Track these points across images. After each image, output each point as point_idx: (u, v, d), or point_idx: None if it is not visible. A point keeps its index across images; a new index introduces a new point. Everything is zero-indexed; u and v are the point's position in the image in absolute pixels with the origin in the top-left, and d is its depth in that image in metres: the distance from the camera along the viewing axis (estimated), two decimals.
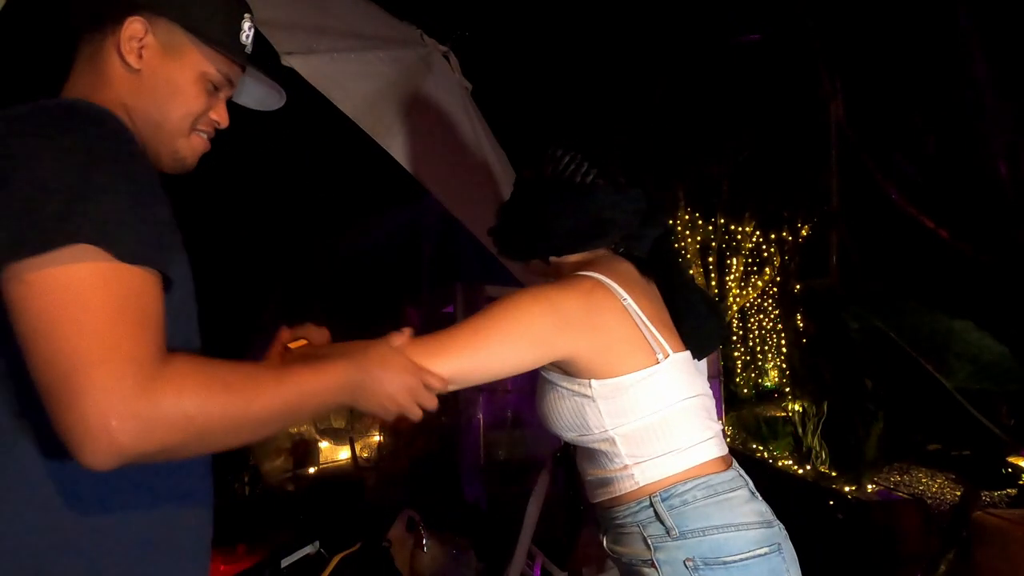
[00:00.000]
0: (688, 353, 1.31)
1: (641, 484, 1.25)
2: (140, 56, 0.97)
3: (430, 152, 1.70)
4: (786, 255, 8.00)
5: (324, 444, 6.29)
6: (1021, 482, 4.45)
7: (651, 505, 1.23)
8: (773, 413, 6.72)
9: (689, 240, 8.52)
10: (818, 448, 5.32)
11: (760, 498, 1.30)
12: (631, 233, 1.37)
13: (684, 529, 1.20)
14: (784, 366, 8.14)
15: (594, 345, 1.22)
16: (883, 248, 6.58)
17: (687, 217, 8.50)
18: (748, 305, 8.95)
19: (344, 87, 1.40)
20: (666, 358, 1.25)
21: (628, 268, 1.35)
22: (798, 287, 7.65)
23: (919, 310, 3.53)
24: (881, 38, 6.17)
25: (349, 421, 6.27)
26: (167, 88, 1.00)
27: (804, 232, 7.71)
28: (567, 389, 1.27)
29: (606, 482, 1.30)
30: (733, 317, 8.85)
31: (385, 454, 6.05)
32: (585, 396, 1.25)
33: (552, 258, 1.41)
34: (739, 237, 8.45)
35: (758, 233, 8.35)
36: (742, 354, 9.05)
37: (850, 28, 6.37)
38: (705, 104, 7.73)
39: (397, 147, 1.53)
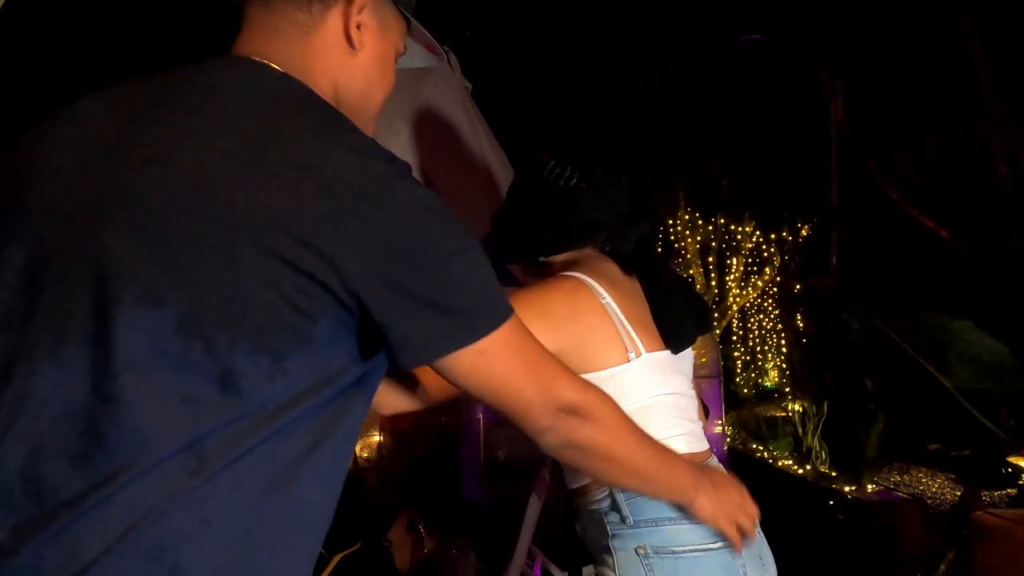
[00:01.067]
0: (666, 352, 1.35)
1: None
2: (360, 35, 0.92)
3: (430, 152, 1.70)
4: (786, 255, 8.00)
5: None
6: (1021, 482, 4.45)
7: (611, 495, 1.29)
8: (773, 413, 6.72)
9: (689, 240, 8.52)
10: (818, 448, 5.31)
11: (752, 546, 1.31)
12: (615, 233, 1.42)
13: (638, 519, 1.26)
14: (784, 366, 8.14)
15: (572, 342, 1.28)
16: (883, 248, 6.58)
17: (687, 217, 8.50)
18: (748, 305, 8.95)
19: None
20: (638, 357, 1.30)
21: (612, 267, 1.40)
22: (798, 287, 7.65)
23: (919, 310, 3.54)
24: (881, 38, 6.17)
25: None
26: (378, 68, 0.96)
27: (804, 232, 7.71)
28: None
29: (576, 471, 1.37)
30: (733, 317, 8.85)
31: (385, 454, 6.05)
32: None
33: (541, 258, 1.48)
34: (739, 237, 8.45)
35: (758, 233, 8.35)
36: (742, 354, 9.05)
37: (850, 28, 6.37)
38: (705, 104, 7.73)
39: (397, 147, 1.53)
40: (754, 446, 6.17)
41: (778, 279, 8.23)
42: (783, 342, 8.20)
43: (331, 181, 0.75)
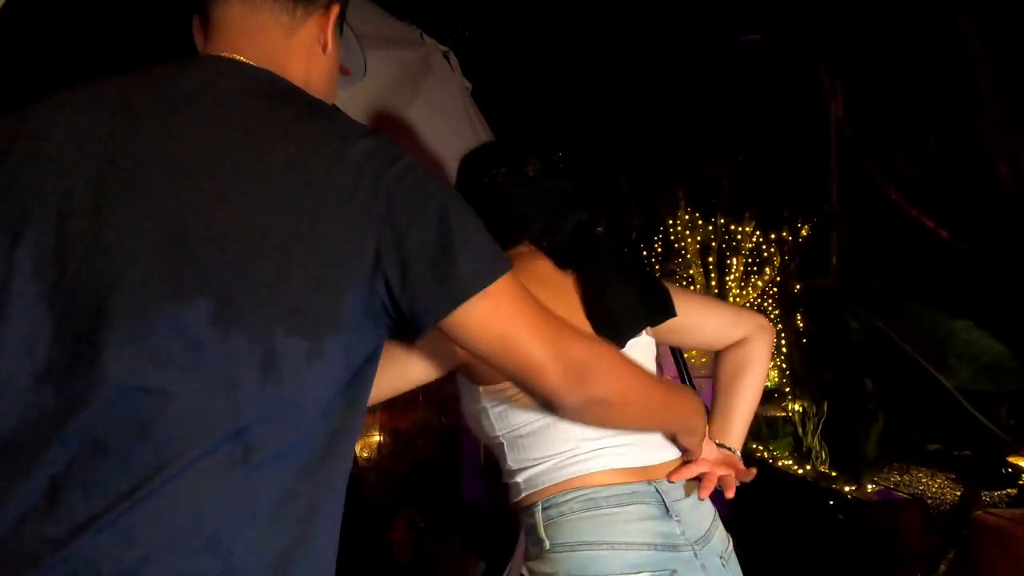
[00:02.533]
0: None
1: (527, 492, 1.23)
2: (330, 38, 0.98)
3: (430, 152, 1.70)
4: (786, 255, 8.00)
5: None
6: (1021, 482, 4.44)
7: (534, 514, 1.20)
8: (773, 413, 6.72)
9: (689, 240, 8.52)
10: (818, 448, 5.31)
11: (676, 519, 1.19)
12: (548, 225, 1.34)
13: (556, 542, 1.16)
14: (784, 366, 8.14)
15: None
16: (883, 248, 6.58)
17: (687, 217, 8.50)
18: (748, 305, 8.95)
19: (344, 86, 1.40)
20: None
21: (542, 264, 1.32)
22: (798, 287, 7.65)
23: (919, 310, 3.53)
24: (881, 38, 6.17)
25: None
26: (335, 74, 1.04)
27: (804, 232, 7.71)
28: (467, 393, 1.29)
29: (507, 487, 1.29)
30: None
31: (385, 454, 6.05)
32: (477, 401, 1.26)
33: None
34: (739, 237, 8.45)
35: (758, 233, 8.35)
36: None
37: (850, 28, 6.37)
38: (705, 104, 7.73)
39: (397, 146, 1.53)
40: (754, 446, 6.17)
41: (778, 279, 8.23)
42: (783, 342, 8.20)
43: (329, 164, 0.80)
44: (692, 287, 8.69)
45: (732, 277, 8.58)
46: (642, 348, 1.33)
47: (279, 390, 0.77)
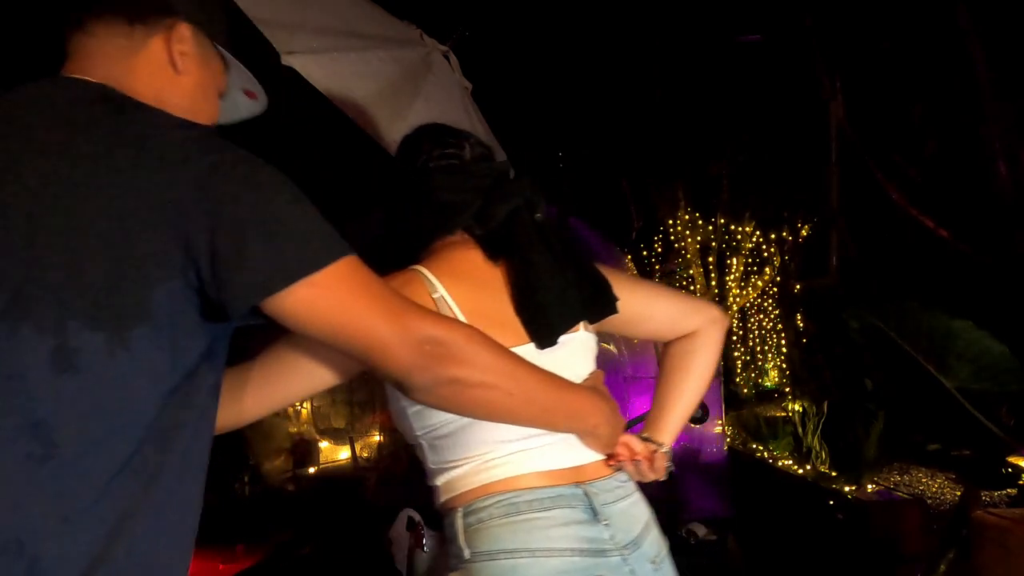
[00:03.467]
0: (526, 348, 1.15)
1: (447, 496, 1.16)
2: (183, 61, 0.99)
3: None
4: (786, 255, 8.00)
5: (324, 444, 6.28)
6: (1021, 482, 4.45)
7: (454, 521, 1.13)
8: (773, 413, 6.72)
9: (689, 240, 8.52)
10: (818, 448, 5.31)
11: (604, 523, 1.13)
12: (480, 213, 1.24)
13: (475, 550, 1.09)
14: (784, 366, 8.14)
15: None
16: (883, 248, 6.58)
17: (687, 217, 8.50)
18: (748, 305, 8.96)
19: (344, 86, 1.41)
20: None
21: (471, 255, 1.23)
22: (798, 287, 7.65)
23: (919, 310, 3.53)
24: (881, 38, 6.17)
25: (349, 421, 6.27)
26: (202, 95, 1.03)
27: (804, 232, 7.71)
28: (389, 391, 1.20)
29: (430, 490, 1.22)
30: (733, 317, 8.86)
31: (385, 454, 6.05)
32: (397, 398, 1.18)
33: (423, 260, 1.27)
34: (739, 237, 8.45)
35: (758, 233, 8.35)
36: (742, 354, 9.05)
37: (850, 28, 6.38)
38: (705, 104, 7.73)
39: (397, 147, 1.53)
40: (754, 446, 6.17)
41: (778, 279, 8.24)
42: (783, 342, 8.20)
43: (134, 156, 0.80)
44: (692, 287, 8.70)
45: (732, 277, 8.59)
46: (579, 345, 1.24)
47: (76, 384, 0.74)
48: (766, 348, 8.94)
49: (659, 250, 8.93)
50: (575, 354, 1.23)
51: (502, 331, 1.11)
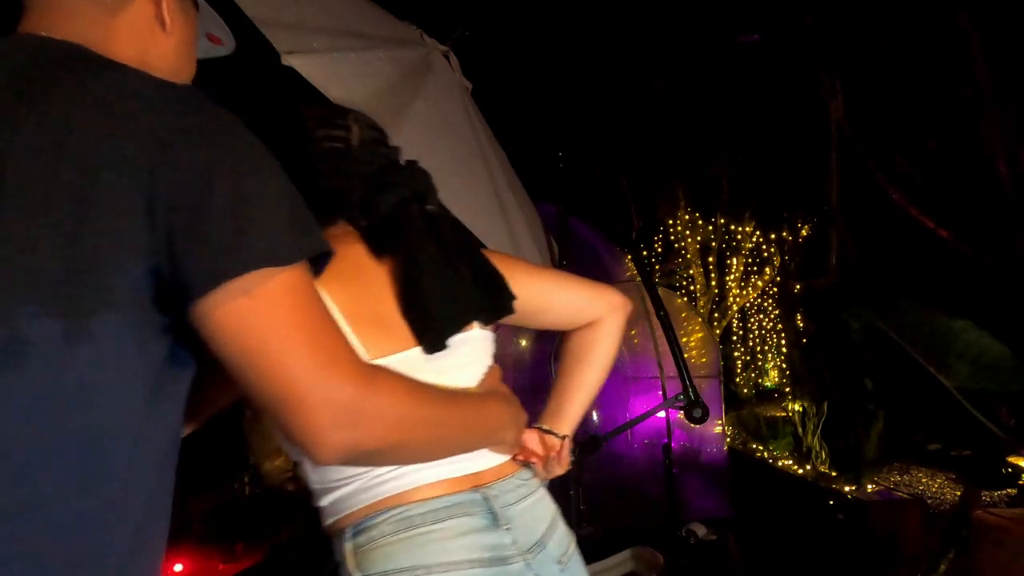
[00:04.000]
0: (412, 352, 1.06)
1: (333, 517, 1.07)
2: (172, 18, 0.89)
3: (430, 152, 1.70)
4: (786, 255, 8.01)
5: None
6: (1021, 482, 4.45)
7: (342, 543, 1.05)
8: (773, 413, 6.72)
9: (689, 240, 8.52)
10: (818, 448, 5.31)
11: (506, 527, 1.06)
12: (364, 202, 1.13)
13: (366, 573, 1.00)
14: (784, 366, 8.14)
15: None
16: (883, 248, 6.59)
17: (687, 217, 8.50)
18: (748, 305, 8.96)
19: (345, 86, 1.41)
20: None
21: (356, 251, 1.12)
22: (798, 287, 7.66)
23: (919, 310, 3.53)
24: (881, 38, 6.18)
25: None
26: (186, 52, 0.94)
27: (804, 232, 7.72)
28: None
29: (316, 512, 1.12)
30: (733, 317, 8.87)
31: None
32: None
33: None
34: (739, 237, 8.45)
35: (758, 233, 8.35)
36: (742, 354, 9.06)
37: (850, 28, 6.38)
38: (705, 104, 7.74)
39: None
40: (754, 446, 6.17)
41: (778, 279, 8.24)
42: (783, 342, 8.21)
43: (98, 117, 0.70)
44: (692, 287, 8.70)
45: (732, 277, 8.59)
46: (473, 345, 1.14)
47: (27, 376, 0.66)
48: (766, 348, 8.94)
49: (659, 250, 8.93)
50: (468, 355, 1.13)
51: (387, 335, 1.05)
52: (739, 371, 8.90)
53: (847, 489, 4.43)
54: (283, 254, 0.71)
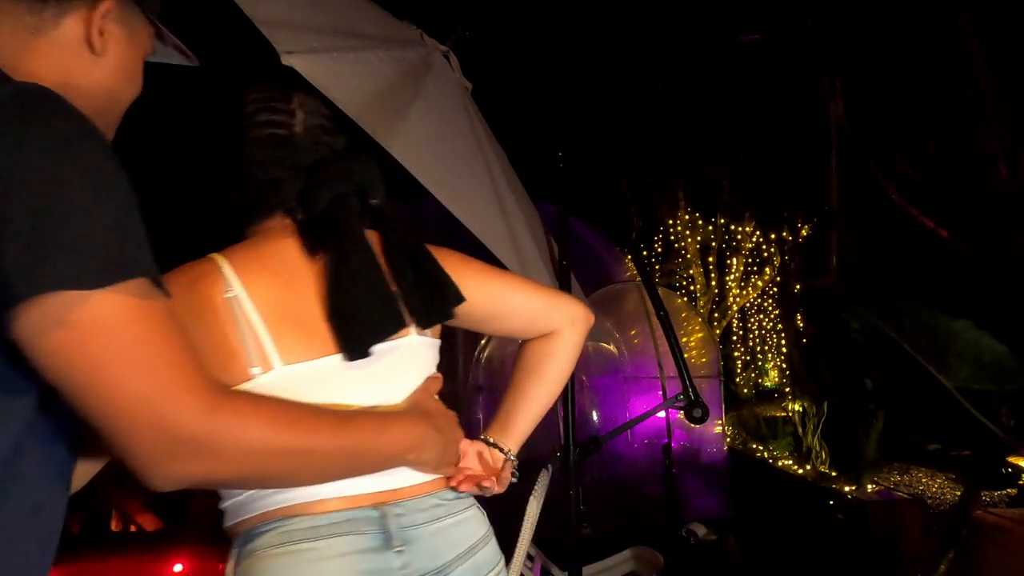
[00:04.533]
0: (332, 360, 0.99)
1: (230, 522, 1.02)
2: (104, 42, 0.84)
3: (430, 151, 1.70)
4: (786, 255, 8.01)
5: None
6: (1021, 482, 4.45)
7: (231, 549, 1.01)
8: (773, 413, 6.73)
9: (689, 240, 8.52)
10: (818, 448, 5.32)
11: (397, 549, 0.98)
12: (303, 196, 1.06)
13: None
14: (784, 366, 8.14)
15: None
16: (883, 248, 6.59)
17: (687, 217, 8.51)
18: (748, 305, 8.96)
19: (345, 86, 1.40)
20: (266, 372, 0.96)
21: (284, 245, 1.05)
22: (798, 287, 7.66)
23: (919, 310, 3.53)
24: (881, 38, 6.18)
25: None
26: (124, 74, 0.88)
27: (804, 232, 7.72)
28: None
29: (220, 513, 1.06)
30: (733, 317, 8.87)
31: None
32: None
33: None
34: (739, 237, 8.46)
35: (758, 233, 8.36)
36: (742, 354, 9.06)
37: (850, 28, 6.38)
38: (705, 104, 7.74)
39: (397, 146, 1.53)
40: (754, 446, 6.17)
41: (778, 279, 8.24)
42: (783, 342, 8.21)
43: None
44: (692, 287, 8.70)
45: (732, 277, 8.59)
46: (405, 352, 1.06)
47: None
48: (766, 348, 8.95)
49: (659, 250, 8.94)
50: (398, 363, 1.05)
51: (308, 339, 0.99)
52: (739, 371, 8.91)
53: (847, 489, 4.43)
54: (88, 277, 0.64)
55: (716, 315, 8.59)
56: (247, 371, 0.95)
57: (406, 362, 1.06)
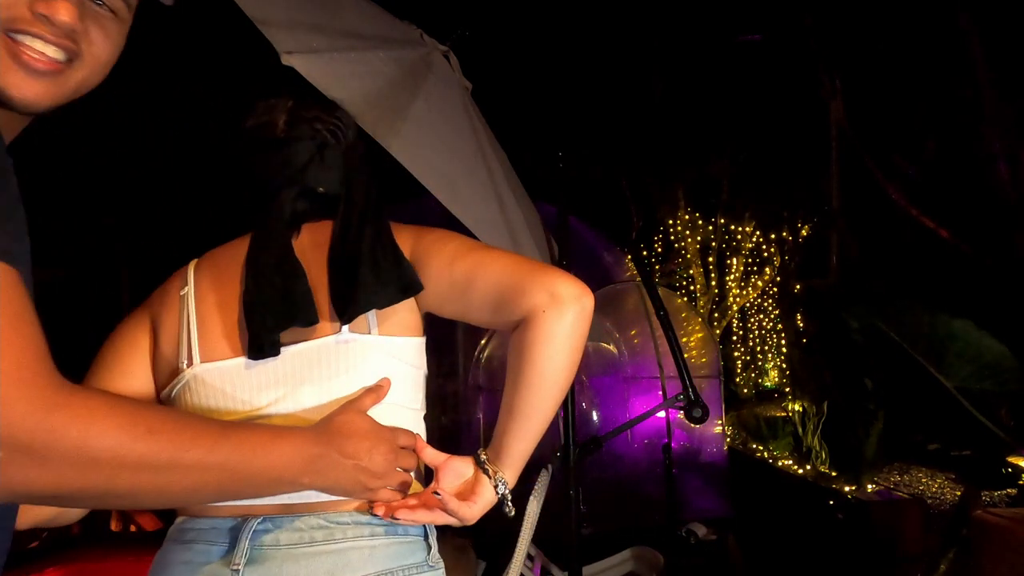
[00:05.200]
0: (237, 361, 0.95)
1: None
2: None
3: (430, 151, 1.70)
4: (786, 255, 8.01)
5: None
6: (1021, 482, 4.45)
7: None
8: (773, 413, 6.73)
9: (689, 240, 8.52)
10: (818, 448, 5.32)
11: (235, 567, 0.89)
12: (274, 198, 1.03)
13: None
14: (784, 366, 8.14)
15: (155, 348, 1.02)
16: (883, 248, 6.59)
17: (687, 217, 8.51)
18: (748, 305, 8.96)
19: (345, 86, 1.40)
20: (189, 367, 0.95)
21: (243, 247, 1.02)
22: (798, 287, 7.66)
23: (919, 310, 3.54)
24: (881, 38, 6.18)
25: None
26: None
27: (804, 232, 7.72)
28: None
29: None
30: (733, 317, 8.87)
31: None
32: None
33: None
34: (739, 237, 8.46)
35: (758, 233, 8.36)
36: (742, 354, 9.06)
37: (850, 28, 6.38)
38: (705, 104, 7.74)
39: (398, 146, 1.53)
40: (754, 446, 6.17)
41: (778, 279, 8.24)
42: (783, 342, 8.21)
43: None
44: (692, 287, 8.70)
45: (732, 277, 8.59)
46: (333, 353, 0.95)
47: None
48: (766, 348, 8.95)
49: (659, 250, 8.94)
50: (312, 366, 0.94)
51: (228, 338, 0.96)
52: (739, 371, 8.91)
53: (847, 489, 4.43)
54: None
55: (716, 315, 8.59)
56: (178, 366, 0.96)
57: (314, 365, 0.94)
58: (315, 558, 0.88)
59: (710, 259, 8.60)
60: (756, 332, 9.10)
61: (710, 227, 8.50)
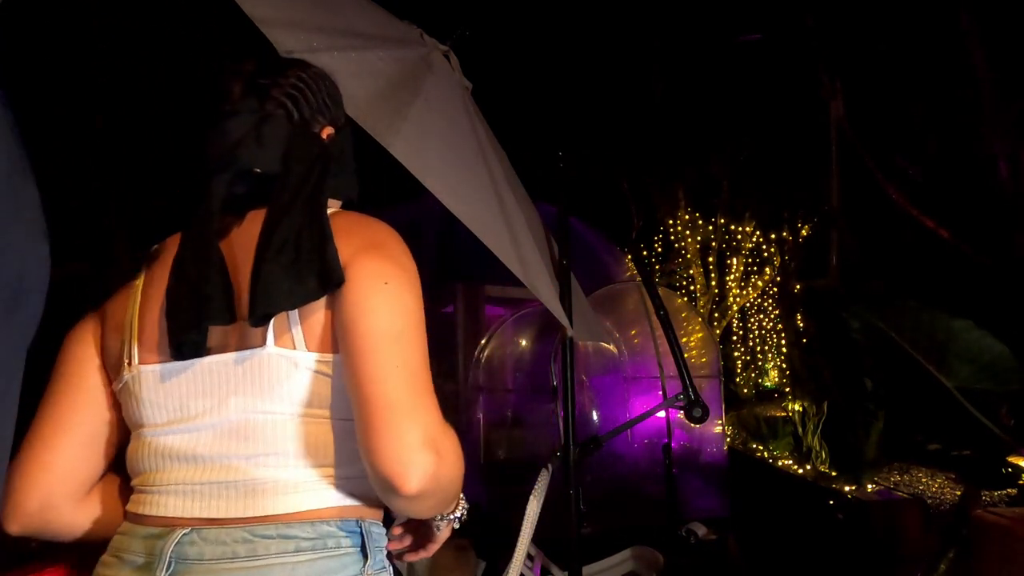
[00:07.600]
0: (169, 365, 0.90)
1: None
2: None
3: (430, 151, 1.70)
4: (786, 255, 8.01)
5: None
6: (1021, 482, 4.45)
7: None
8: (773, 413, 6.73)
9: (689, 240, 8.52)
10: (818, 448, 5.32)
11: None
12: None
13: None
14: (784, 366, 8.14)
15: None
16: (883, 248, 6.59)
17: (687, 217, 8.51)
18: (748, 305, 8.96)
19: (345, 86, 1.40)
20: (129, 371, 0.90)
21: None
22: (798, 287, 7.66)
23: (919, 310, 3.54)
24: (881, 38, 6.18)
25: None
26: None
27: (804, 232, 7.72)
28: None
29: None
30: (733, 317, 8.87)
31: None
32: None
33: None
34: (739, 237, 8.46)
35: (758, 233, 8.36)
36: (742, 354, 9.06)
37: (850, 28, 6.38)
38: (705, 104, 7.74)
39: (398, 146, 1.53)
40: (754, 446, 6.17)
41: (778, 279, 8.24)
42: (783, 342, 8.21)
43: None
44: (692, 287, 8.70)
45: (732, 277, 8.59)
46: (222, 369, 0.88)
47: None
48: (766, 348, 8.95)
49: (659, 250, 8.94)
50: (232, 379, 0.88)
51: (160, 341, 0.90)
52: (739, 371, 8.91)
53: (847, 489, 4.43)
54: None
55: (716, 315, 8.59)
56: (122, 365, 0.91)
57: (255, 380, 0.87)
58: (235, 575, 0.83)
59: (710, 259, 8.61)
60: (756, 332, 9.10)
61: (710, 227, 8.51)
